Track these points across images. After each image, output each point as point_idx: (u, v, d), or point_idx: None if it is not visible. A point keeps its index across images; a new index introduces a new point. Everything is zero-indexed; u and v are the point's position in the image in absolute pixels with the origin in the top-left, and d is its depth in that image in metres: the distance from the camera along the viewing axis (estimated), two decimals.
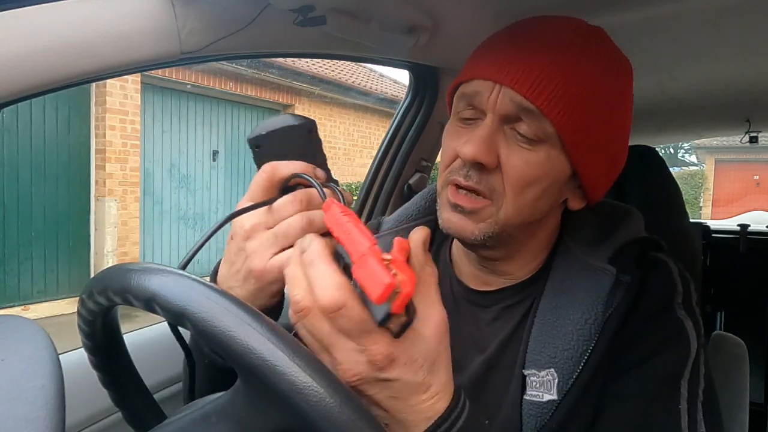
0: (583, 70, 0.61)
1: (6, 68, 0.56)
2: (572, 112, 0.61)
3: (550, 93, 0.60)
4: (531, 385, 0.62)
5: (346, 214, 0.43)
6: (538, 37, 0.63)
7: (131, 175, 6.27)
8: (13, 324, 0.39)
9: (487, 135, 0.61)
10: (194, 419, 0.40)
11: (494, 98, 0.61)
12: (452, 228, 0.64)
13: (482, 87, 0.62)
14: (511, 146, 0.62)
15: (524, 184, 0.62)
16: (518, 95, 0.60)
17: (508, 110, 0.61)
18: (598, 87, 0.62)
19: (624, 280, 0.63)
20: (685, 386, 0.60)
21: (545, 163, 0.62)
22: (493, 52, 0.64)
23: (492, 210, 0.62)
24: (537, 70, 0.60)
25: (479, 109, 0.63)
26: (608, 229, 0.70)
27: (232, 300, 0.36)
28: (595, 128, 0.63)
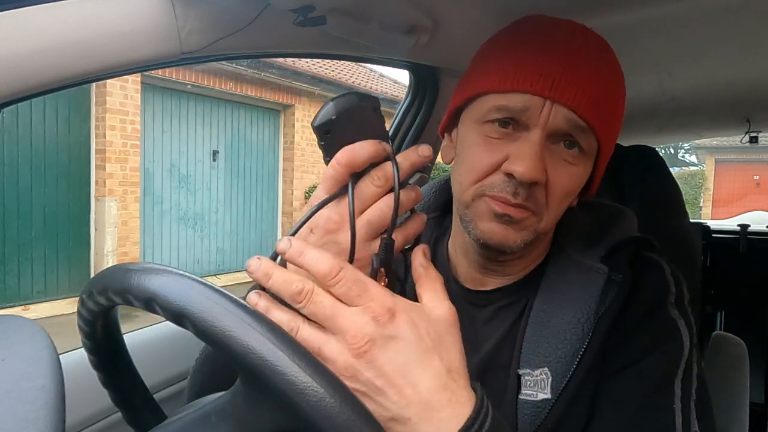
0: (613, 83, 0.63)
1: (6, 68, 0.56)
2: (611, 125, 0.64)
3: (601, 111, 0.61)
4: (525, 385, 0.63)
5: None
6: (574, 48, 0.62)
7: (131, 175, 6.27)
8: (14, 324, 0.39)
9: (539, 152, 0.59)
10: (194, 419, 0.40)
11: (546, 115, 0.60)
12: (495, 239, 0.62)
13: (532, 102, 0.60)
14: (556, 161, 0.61)
15: (566, 196, 0.63)
16: (574, 114, 0.59)
17: (560, 127, 0.60)
18: (621, 98, 0.65)
19: (616, 279, 0.64)
20: (678, 385, 0.60)
21: (583, 174, 0.64)
22: (535, 63, 0.61)
23: (534, 220, 0.62)
24: (590, 89, 0.60)
25: (522, 124, 0.61)
26: (601, 229, 0.71)
27: (232, 300, 0.36)
28: (616, 136, 0.67)
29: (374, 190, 0.47)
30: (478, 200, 0.63)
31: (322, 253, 0.43)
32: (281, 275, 0.43)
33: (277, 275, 0.43)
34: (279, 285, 0.43)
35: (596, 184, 0.69)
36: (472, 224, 0.64)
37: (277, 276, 0.43)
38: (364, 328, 0.41)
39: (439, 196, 0.81)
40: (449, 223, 0.78)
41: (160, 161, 6.81)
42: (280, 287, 0.43)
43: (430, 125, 1.39)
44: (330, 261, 0.43)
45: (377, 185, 0.47)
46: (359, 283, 0.43)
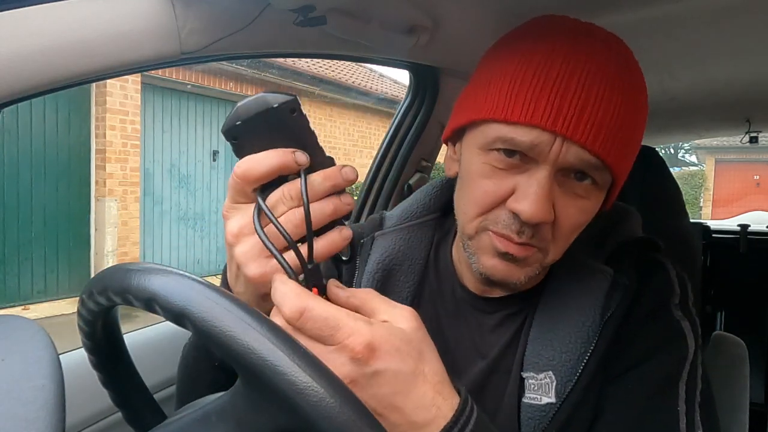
0: (636, 109, 0.58)
1: (6, 68, 0.56)
2: (627, 159, 0.60)
3: (617, 147, 0.56)
4: (529, 388, 0.62)
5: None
6: (592, 73, 0.55)
7: (131, 175, 6.27)
8: (14, 324, 0.39)
9: (547, 192, 0.55)
10: (194, 419, 0.40)
11: (556, 152, 0.55)
12: (497, 276, 0.60)
13: (542, 138, 0.54)
14: (566, 196, 0.58)
15: (573, 231, 0.60)
16: (587, 153, 0.55)
17: (571, 165, 0.56)
18: (640, 126, 0.60)
19: (621, 282, 0.63)
20: (682, 387, 0.59)
21: (594, 207, 0.61)
22: (545, 94, 0.54)
23: (539, 256, 0.60)
24: (607, 124, 0.55)
25: (530, 158, 0.56)
26: (606, 230, 0.70)
27: (233, 300, 0.36)
28: (631, 163, 0.63)
29: (279, 207, 0.43)
30: (482, 233, 0.60)
31: (287, 293, 0.40)
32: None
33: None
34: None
35: (610, 203, 0.66)
36: (475, 257, 0.62)
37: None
38: (343, 368, 0.39)
39: (440, 196, 0.80)
40: (451, 224, 0.77)
41: (160, 161, 6.81)
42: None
43: (430, 125, 1.39)
44: (292, 301, 0.40)
45: (285, 203, 0.43)
46: (329, 321, 0.39)
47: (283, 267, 0.42)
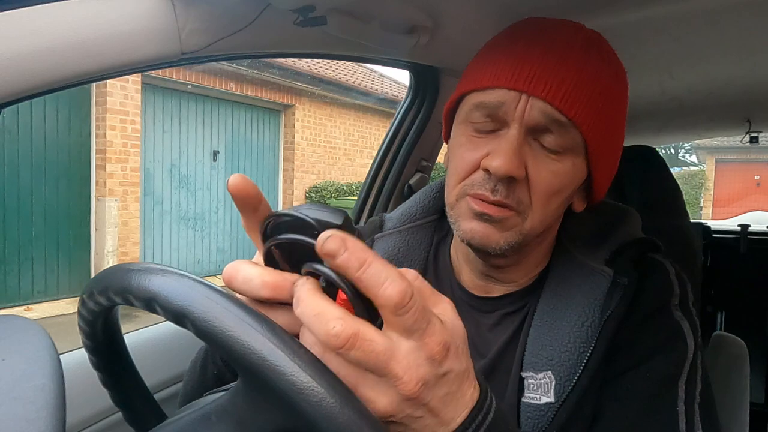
0: (600, 77, 0.61)
1: (6, 68, 0.56)
2: (597, 120, 0.61)
3: (580, 103, 0.59)
4: (528, 388, 0.62)
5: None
6: (555, 44, 0.61)
7: (132, 175, 6.28)
8: (14, 324, 0.40)
9: (516, 147, 0.58)
10: (194, 419, 0.40)
11: (521, 109, 0.59)
12: (476, 238, 0.61)
13: (507, 97, 0.60)
14: (537, 157, 0.60)
15: (551, 194, 0.61)
16: (550, 107, 0.59)
17: (537, 122, 0.59)
18: (613, 94, 0.63)
19: (621, 282, 0.63)
20: (682, 387, 0.60)
21: (570, 171, 0.62)
22: (511, 59, 0.61)
23: (518, 220, 0.61)
24: (567, 81, 0.59)
25: (501, 120, 0.61)
26: (606, 230, 0.70)
27: (233, 300, 0.36)
28: (611, 134, 0.64)
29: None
30: (462, 200, 0.63)
31: (391, 270, 0.34)
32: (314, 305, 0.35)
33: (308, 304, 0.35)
34: (308, 317, 0.35)
35: (600, 186, 0.67)
36: (456, 224, 0.64)
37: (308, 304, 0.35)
38: (419, 371, 0.35)
39: (439, 198, 0.80)
40: (450, 225, 0.78)
41: (160, 161, 6.81)
42: (310, 321, 0.35)
43: (430, 125, 1.39)
44: (403, 283, 0.34)
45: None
46: (425, 314, 0.35)
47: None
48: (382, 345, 0.34)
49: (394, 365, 0.34)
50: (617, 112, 0.64)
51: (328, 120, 9.04)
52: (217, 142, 7.51)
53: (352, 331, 0.34)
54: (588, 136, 0.61)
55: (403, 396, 0.35)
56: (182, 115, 7.06)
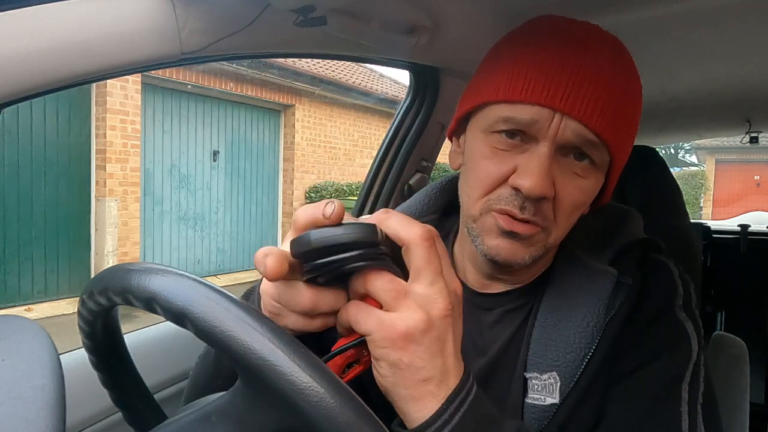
0: (628, 95, 0.61)
1: (6, 68, 0.56)
2: (624, 138, 0.61)
3: (613, 124, 0.58)
4: (533, 389, 0.62)
5: None
6: (586, 56, 0.59)
7: (132, 175, 6.27)
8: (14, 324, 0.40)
9: (547, 167, 0.57)
10: (194, 419, 0.40)
11: (555, 128, 0.57)
12: (501, 255, 0.61)
13: (541, 115, 0.57)
14: (566, 175, 0.59)
15: (575, 210, 0.62)
16: (584, 128, 0.57)
17: (570, 141, 0.58)
18: (636, 109, 0.63)
19: (625, 282, 0.63)
20: (686, 389, 0.59)
21: (594, 187, 0.62)
22: (544, 74, 0.58)
23: (543, 236, 0.61)
24: (601, 101, 0.57)
25: (531, 136, 0.59)
26: (609, 231, 0.70)
27: (233, 300, 0.36)
28: (630, 147, 0.65)
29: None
30: (486, 215, 0.61)
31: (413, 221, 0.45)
32: (401, 217, 0.45)
33: (397, 216, 0.45)
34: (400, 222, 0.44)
35: (609, 193, 0.68)
36: (479, 239, 0.63)
37: (397, 216, 0.45)
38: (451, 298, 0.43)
39: (439, 198, 0.80)
40: (451, 225, 0.77)
41: (160, 161, 6.81)
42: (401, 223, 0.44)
43: (431, 125, 1.39)
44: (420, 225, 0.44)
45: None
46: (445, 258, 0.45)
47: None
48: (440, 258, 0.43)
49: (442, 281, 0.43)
50: (636, 125, 0.65)
51: (328, 120, 9.04)
52: (217, 142, 7.51)
53: (434, 233, 0.44)
54: (615, 154, 0.61)
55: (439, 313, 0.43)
56: (182, 115, 7.06)
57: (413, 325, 0.42)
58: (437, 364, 0.43)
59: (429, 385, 0.43)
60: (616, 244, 0.68)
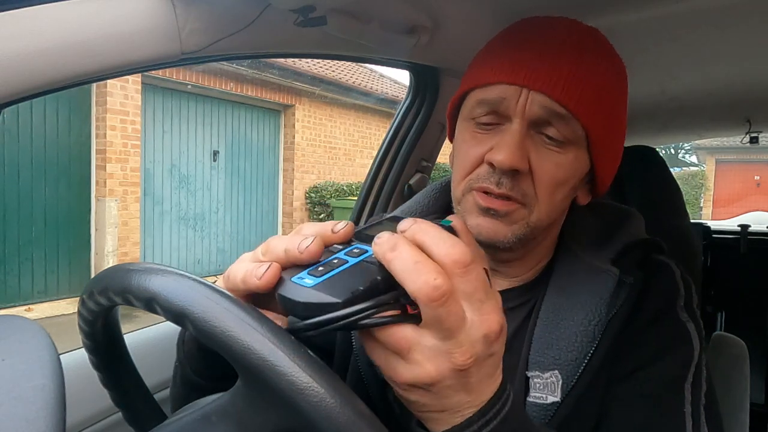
0: (598, 70, 0.63)
1: (7, 68, 0.56)
2: (597, 112, 0.62)
3: (579, 95, 0.60)
4: (534, 387, 0.62)
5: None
6: (552, 39, 0.62)
7: (132, 175, 6.27)
8: (14, 324, 0.40)
9: (518, 141, 0.60)
10: (194, 419, 0.40)
11: (522, 103, 0.60)
12: (483, 233, 0.62)
13: (508, 92, 0.61)
14: (540, 150, 0.62)
15: (556, 186, 0.62)
16: (549, 99, 0.60)
17: (538, 115, 0.61)
18: (611, 86, 0.64)
19: (627, 281, 0.63)
20: (688, 389, 0.60)
21: (573, 163, 0.63)
22: (510, 55, 0.63)
23: (524, 213, 0.62)
24: (565, 73, 0.60)
25: (503, 115, 0.62)
26: (610, 231, 0.70)
27: (233, 300, 0.36)
28: (612, 125, 0.65)
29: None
30: (467, 195, 0.64)
31: (451, 236, 0.37)
32: (412, 254, 0.36)
33: (407, 252, 0.36)
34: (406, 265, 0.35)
35: (603, 180, 0.68)
36: (464, 220, 0.64)
37: (407, 253, 0.36)
38: (475, 347, 0.36)
39: (439, 198, 0.81)
40: None
41: (160, 161, 6.81)
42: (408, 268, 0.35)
43: (431, 125, 1.39)
44: (465, 247, 0.36)
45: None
46: (486, 286, 0.37)
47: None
48: (462, 311, 0.36)
49: (462, 334, 0.36)
50: (617, 104, 0.65)
51: (328, 120, 9.04)
52: (217, 143, 7.51)
53: (449, 288, 0.35)
54: (589, 128, 0.62)
55: (454, 366, 0.36)
56: (182, 115, 7.06)
57: (419, 379, 0.37)
58: (454, 400, 0.38)
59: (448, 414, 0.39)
60: (618, 244, 0.68)
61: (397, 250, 0.36)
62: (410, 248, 0.36)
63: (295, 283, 0.38)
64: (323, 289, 0.37)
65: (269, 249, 0.41)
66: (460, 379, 0.37)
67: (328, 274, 0.38)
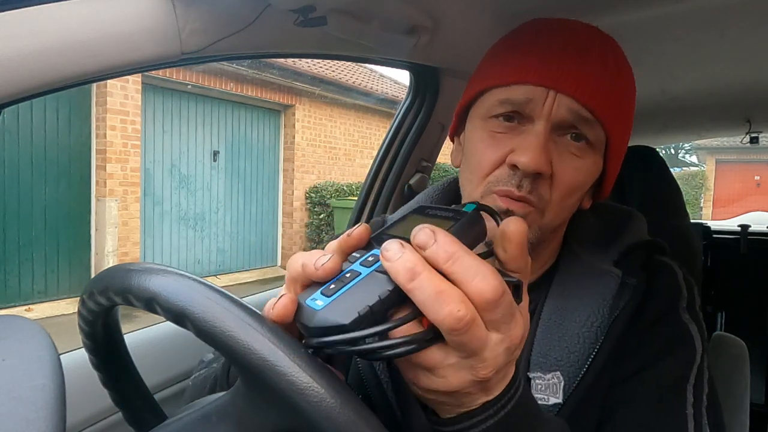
0: (621, 75, 0.63)
1: (7, 68, 0.56)
2: (618, 117, 0.62)
3: (605, 100, 0.60)
4: (536, 389, 0.62)
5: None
6: (577, 41, 0.62)
7: (132, 175, 6.27)
8: (14, 324, 0.40)
9: (543, 143, 0.58)
10: (194, 419, 0.40)
11: (549, 105, 0.59)
12: None
13: (534, 93, 0.59)
14: (562, 154, 0.61)
15: (571, 191, 0.62)
16: (577, 104, 0.59)
17: (564, 118, 0.59)
18: (629, 92, 0.65)
19: (630, 282, 0.63)
20: (690, 391, 0.59)
21: (591, 168, 0.63)
22: (537, 54, 0.61)
23: (536, 216, 0.61)
24: (593, 78, 0.59)
25: (526, 116, 0.61)
26: (612, 232, 0.70)
27: (233, 300, 0.36)
28: (627, 131, 0.66)
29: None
30: (487, 197, 0.62)
31: (482, 265, 0.35)
32: (434, 283, 0.34)
33: (429, 281, 0.34)
34: (428, 296, 0.34)
35: (609, 184, 0.68)
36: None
37: (428, 283, 0.34)
38: (498, 360, 0.36)
39: (442, 198, 0.80)
40: None
41: (160, 161, 6.81)
42: (430, 300, 0.34)
43: (431, 125, 1.39)
44: (495, 281, 0.34)
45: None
46: (512, 309, 0.36)
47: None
48: (485, 333, 0.35)
49: (487, 353, 0.36)
50: (631, 110, 0.66)
51: (328, 120, 9.04)
52: (217, 143, 7.51)
53: (472, 317, 0.34)
54: (610, 133, 0.62)
55: (476, 379, 0.37)
56: (182, 115, 7.06)
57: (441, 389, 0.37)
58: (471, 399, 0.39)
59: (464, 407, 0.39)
60: (621, 245, 0.68)
61: (417, 280, 0.34)
62: (431, 279, 0.34)
63: (309, 306, 0.37)
64: (331, 312, 0.36)
65: (288, 266, 0.41)
66: (480, 387, 0.38)
67: (339, 292, 0.37)
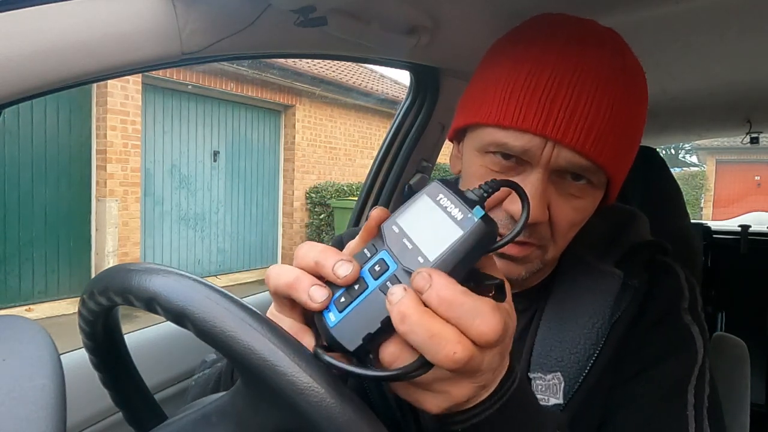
0: (631, 102, 0.58)
1: (7, 69, 0.56)
2: (623, 157, 0.60)
3: (610, 149, 0.56)
4: (536, 389, 0.62)
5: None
6: (586, 74, 0.55)
7: (132, 175, 6.27)
8: (15, 324, 0.40)
9: (540, 193, 0.56)
10: (194, 419, 0.40)
11: (548, 155, 0.56)
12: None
13: (533, 142, 0.55)
14: (560, 197, 0.58)
15: (572, 228, 0.61)
16: (578, 156, 0.55)
17: (563, 167, 0.57)
18: (639, 117, 0.61)
19: (632, 284, 0.63)
20: (692, 392, 0.59)
21: (590, 206, 0.62)
22: (538, 96, 0.55)
23: (539, 253, 0.61)
24: (598, 124, 0.55)
25: (523, 160, 0.58)
26: (614, 233, 0.70)
27: (233, 300, 0.36)
28: (631, 159, 0.63)
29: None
30: None
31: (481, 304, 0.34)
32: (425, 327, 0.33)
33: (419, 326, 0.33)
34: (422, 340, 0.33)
35: (612, 198, 0.66)
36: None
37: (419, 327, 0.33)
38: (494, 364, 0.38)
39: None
40: None
41: (160, 162, 6.81)
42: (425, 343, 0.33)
43: (431, 126, 1.39)
44: (496, 318, 0.34)
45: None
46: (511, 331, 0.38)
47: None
48: (482, 361, 0.36)
49: (483, 370, 0.37)
50: (639, 133, 0.62)
51: (328, 120, 9.03)
52: (217, 143, 7.51)
53: (470, 354, 0.34)
54: (613, 175, 0.60)
55: (476, 386, 0.38)
56: (183, 115, 7.06)
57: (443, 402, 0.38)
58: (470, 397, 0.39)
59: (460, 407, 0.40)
60: (623, 246, 0.67)
61: (406, 324, 0.33)
62: (421, 324, 0.33)
63: (323, 317, 0.38)
64: (339, 332, 0.37)
65: (298, 256, 0.40)
66: (479, 390, 0.39)
67: (348, 307, 0.37)
